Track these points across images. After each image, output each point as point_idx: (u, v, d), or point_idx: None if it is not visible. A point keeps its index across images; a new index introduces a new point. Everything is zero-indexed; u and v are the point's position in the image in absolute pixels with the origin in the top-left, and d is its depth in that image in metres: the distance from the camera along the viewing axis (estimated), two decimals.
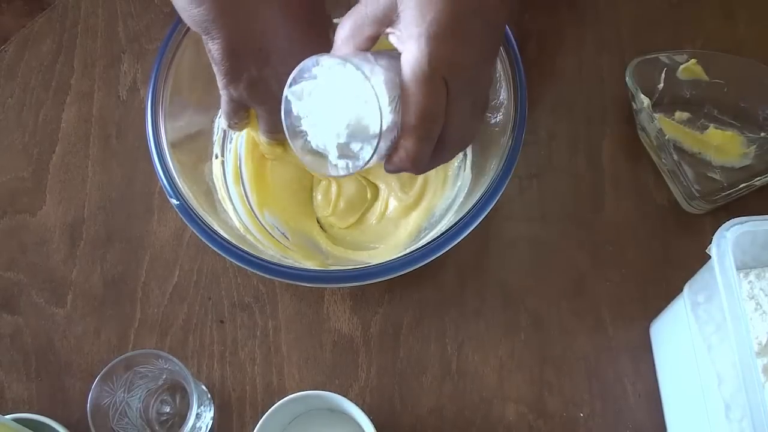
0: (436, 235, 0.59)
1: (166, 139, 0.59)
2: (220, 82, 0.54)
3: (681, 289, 0.55)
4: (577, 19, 0.74)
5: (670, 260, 0.64)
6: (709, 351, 0.51)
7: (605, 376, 0.61)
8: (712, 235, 0.48)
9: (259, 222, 0.64)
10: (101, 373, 0.56)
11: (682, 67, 0.67)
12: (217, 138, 0.66)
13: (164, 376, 0.60)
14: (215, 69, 0.53)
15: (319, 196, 0.67)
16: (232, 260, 0.55)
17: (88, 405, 0.55)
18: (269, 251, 0.61)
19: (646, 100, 0.65)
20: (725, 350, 0.49)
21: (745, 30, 0.73)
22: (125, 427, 0.58)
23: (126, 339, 0.64)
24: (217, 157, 0.65)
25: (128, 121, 0.72)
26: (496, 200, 0.55)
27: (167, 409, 0.62)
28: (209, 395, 0.62)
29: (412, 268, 0.54)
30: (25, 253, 0.68)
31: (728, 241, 0.47)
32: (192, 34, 0.60)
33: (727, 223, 0.48)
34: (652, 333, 0.62)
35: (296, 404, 0.57)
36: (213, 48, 0.51)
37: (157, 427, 0.61)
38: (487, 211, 0.55)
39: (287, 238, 0.64)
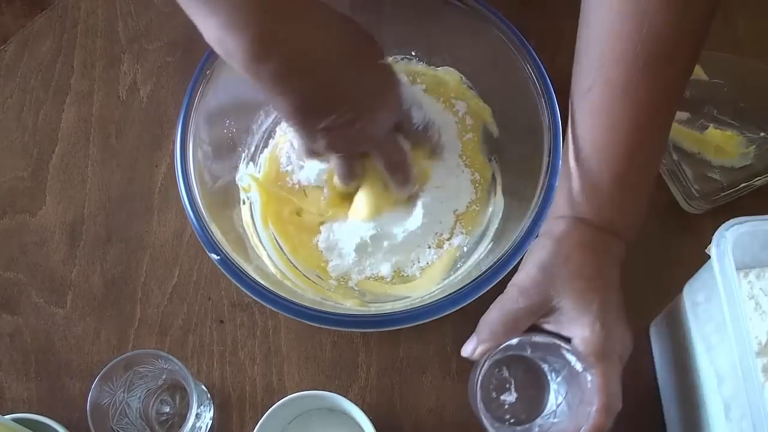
0: (475, 263, 0.60)
1: (199, 190, 0.59)
2: (296, 134, 0.54)
3: (681, 289, 0.55)
4: (577, 19, 0.74)
5: (670, 260, 0.64)
6: (709, 351, 0.51)
7: None
8: (712, 235, 0.48)
9: (294, 265, 0.63)
10: (101, 373, 0.56)
11: None
12: (241, 182, 0.66)
13: (164, 376, 0.60)
14: (288, 122, 0.53)
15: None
16: (276, 309, 0.55)
17: (88, 405, 0.55)
18: (308, 294, 0.60)
19: None
20: (725, 350, 0.49)
21: (744, 30, 0.73)
22: (125, 427, 0.58)
23: (126, 339, 0.64)
24: (244, 203, 0.65)
25: (128, 121, 0.72)
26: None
27: (167, 409, 0.62)
28: (209, 395, 0.61)
29: (459, 306, 0.55)
30: (25, 253, 0.68)
31: (728, 241, 0.47)
32: (216, 76, 0.61)
33: (726, 223, 0.48)
34: (652, 333, 0.62)
35: (296, 404, 0.57)
36: (284, 104, 0.51)
37: (156, 427, 0.61)
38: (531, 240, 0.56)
39: (321, 279, 0.63)
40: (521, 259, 0.55)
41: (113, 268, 0.67)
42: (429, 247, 0.63)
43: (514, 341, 0.51)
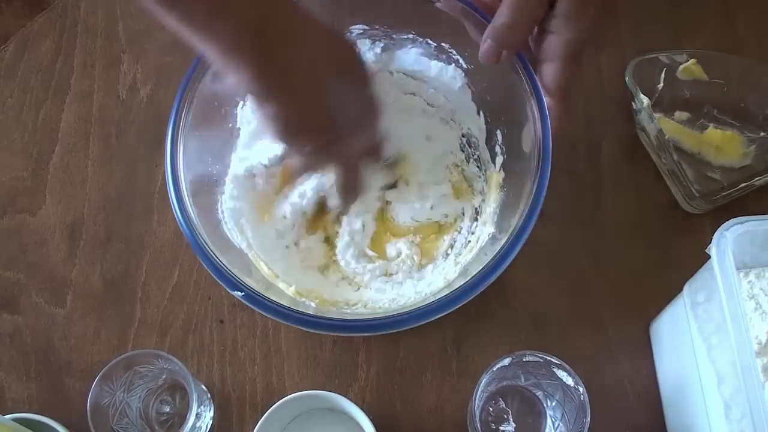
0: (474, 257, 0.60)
1: (189, 195, 0.59)
2: (281, 144, 0.55)
3: (681, 289, 0.55)
4: None
5: (670, 260, 0.64)
6: (709, 351, 0.51)
7: (605, 376, 0.61)
8: (712, 235, 0.48)
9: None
10: (101, 373, 0.56)
11: (681, 67, 0.67)
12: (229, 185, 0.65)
13: (164, 376, 0.60)
14: (276, 134, 0.54)
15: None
16: (275, 318, 0.54)
17: (88, 405, 0.55)
18: (301, 299, 0.60)
19: (645, 100, 0.65)
20: (725, 350, 0.49)
21: (744, 30, 0.73)
22: (125, 427, 0.58)
23: (126, 339, 0.64)
24: None
25: (128, 121, 0.72)
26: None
27: (167, 409, 0.62)
28: (209, 395, 0.62)
29: (456, 306, 0.54)
30: (25, 253, 0.68)
31: (728, 240, 0.47)
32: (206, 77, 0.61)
33: (726, 223, 0.48)
34: (652, 333, 0.62)
35: (296, 404, 0.57)
36: (276, 118, 0.52)
37: (156, 427, 0.61)
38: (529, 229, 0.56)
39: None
40: (515, 259, 0.55)
41: (113, 268, 0.67)
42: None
43: (506, 361, 0.52)
